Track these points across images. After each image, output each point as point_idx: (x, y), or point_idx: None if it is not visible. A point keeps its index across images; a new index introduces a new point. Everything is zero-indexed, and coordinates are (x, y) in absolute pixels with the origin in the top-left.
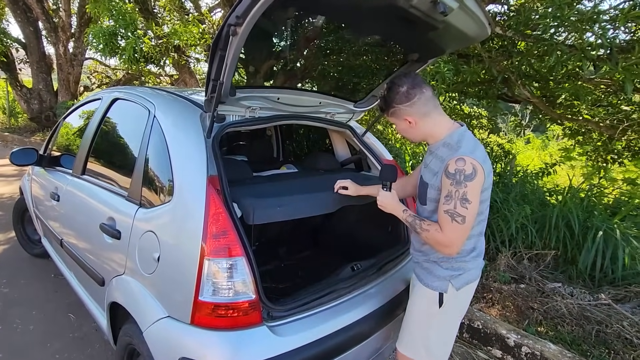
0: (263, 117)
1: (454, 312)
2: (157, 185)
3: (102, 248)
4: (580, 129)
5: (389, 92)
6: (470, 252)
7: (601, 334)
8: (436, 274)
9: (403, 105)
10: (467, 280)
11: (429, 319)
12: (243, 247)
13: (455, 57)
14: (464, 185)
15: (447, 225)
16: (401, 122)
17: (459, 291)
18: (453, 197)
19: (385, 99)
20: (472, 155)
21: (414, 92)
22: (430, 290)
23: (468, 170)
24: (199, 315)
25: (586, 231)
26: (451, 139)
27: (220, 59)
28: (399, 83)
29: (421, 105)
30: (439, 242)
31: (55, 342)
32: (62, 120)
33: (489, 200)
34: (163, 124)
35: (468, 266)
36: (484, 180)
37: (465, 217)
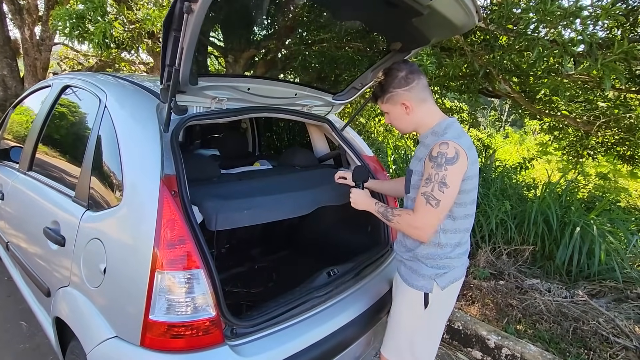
0: (231, 109)
1: (439, 313)
2: (105, 186)
3: (46, 255)
4: (558, 125)
5: (386, 77)
6: (455, 247)
7: (578, 331)
8: (421, 272)
9: (401, 90)
10: (452, 278)
11: (414, 321)
12: (202, 257)
13: (438, 50)
14: (444, 169)
15: (421, 207)
16: (397, 108)
17: (444, 290)
18: (432, 180)
19: (381, 85)
20: (456, 140)
21: (412, 77)
22: (415, 290)
23: (450, 154)
24: (150, 336)
25: (564, 227)
26: (439, 127)
27: (175, 42)
28: (398, 68)
29: (419, 91)
30: (410, 225)
31: (4, 354)
32: (12, 109)
33: (475, 193)
34: (114, 115)
35: (453, 264)
36: (467, 168)
37: (440, 202)
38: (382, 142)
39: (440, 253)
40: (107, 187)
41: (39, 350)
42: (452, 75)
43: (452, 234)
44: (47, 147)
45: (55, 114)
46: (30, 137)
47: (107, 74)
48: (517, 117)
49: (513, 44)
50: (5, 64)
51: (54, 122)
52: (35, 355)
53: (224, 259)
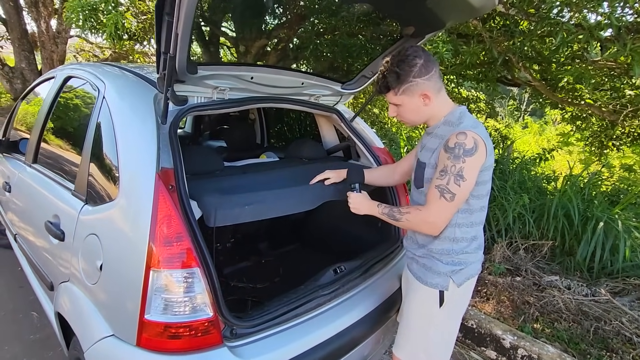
0: (234, 99)
1: (455, 311)
2: (103, 179)
3: (48, 249)
4: (581, 114)
5: (402, 64)
6: (471, 241)
7: (600, 331)
8: (436, 270)
9: (421, 79)
10: (469, 274)
11: (429, 320)
12: (200, 255)
13: (455, 37)
14: (462, 161)
15: (434, 201)
16: (414, 99)
17: (460, 287)
18: (448, 172)
19: (397, 74)
20: (474, 130)
21: (431, 65)
22: (430, 288)
23: (469, 145)
24: (146, 336)
25: (586, 221)
26: (452, 117)
27: (169, 27)
28: (415, 54)
29: (437, 80)
30: (422, 219)
31: (14, 345)
32: (20, 101)
33: (490, 184)
34: (112, 106)
35: (470, 259)
36: (485, 159)
37: (456, 195)
38: (396, 133)
39: (457, 248)
40: (105, 181)
41: (49, 341)
42: (469, 63)
43: (467, 227)
44: (50, 140)
45: (57, 106)
46: (35, 130)
47: (113, 65)
48: (538, 106)
49: (535, 29)
50: (23, 57)
51: (57, 114)
52: (45, 347)
53: (230, 253)
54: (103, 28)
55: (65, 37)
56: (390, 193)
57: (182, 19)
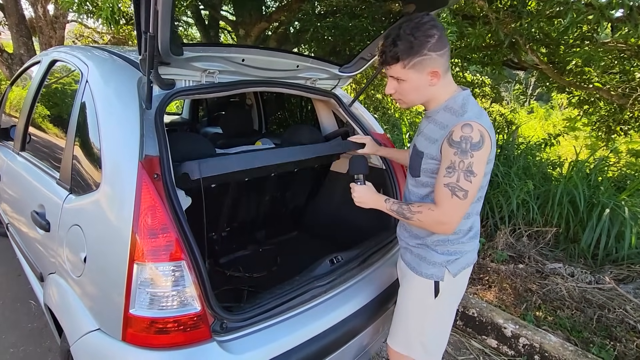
0: (224, 82)
1: (450, 301)
2: (86, 168)
3: (36, 239)
4: (589, 98)
5: (417, 32)
6: (467, 232)
7: (603, 319)
8: (430, 260)
9: (436, 54)
10: (464, 264)
11: (424, 311)
12: (187, 247)
13: (460, 19)
14: (470, 155)
15: (446, 200)
16: (422, 76)
17: (456, 277)
18: (456, 169)
19: (411, 43)
20: (479, 120)
21: (445, 40)
22: (425, 279)
23: (475, 138)
24: (132, 331)
25: (591, 208)
26: (454, 103)
27: (147, 3)
28: (432, 23)
29: (447, 58)
30: (436, 221)
31: (11, 334)
32: (10, 87)
33: (489, 175)
34: (94, 90)
35: (465, 248)
36: (490, 151)
37: (468, 192)
38: (398, 118)
39: (452, 239)
40: (88, 170)
41: (46, 329)
42: (475, 46)
43: (464, 219)
44: (36, 127)
45: (42, 92)
46: (22, 116)
47: (102, 48)
48: (544, 90)
49: (543, 10)
50: (21, 42)
51: (42, 100)
52: (41, 335)
53: (227, 241)
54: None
55: (63, 22)
56: (390, 179)
57: None
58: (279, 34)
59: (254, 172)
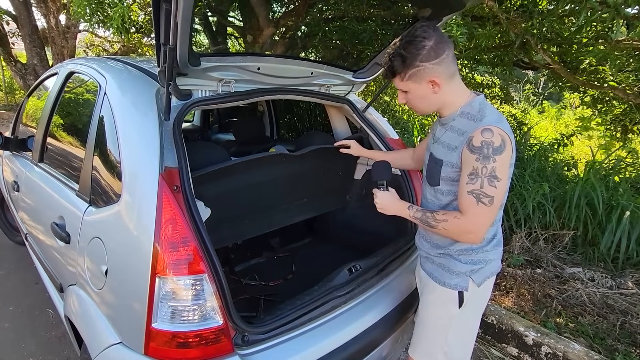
0: (240, 91)
1: (475, 310)
2: (106, 180)
3: (56, 250)
4: (603, 97)
5: (409, 46)
6: (491, 239)
7: (626, 326)
8: (454, 269)
9: (430, 63)
10: (489, 273)
11: (447, 322)
12: (208, 259)
13: (469, 20)
14: (493, 160)
15: (472, 208)
16: (422, 86)
17: (480, 287)
18: (479, 175)
19: (403, 57)
20: (499, 124)
21: (442, 47)
22: (448, 289)
23: (497, 142)
24: (154, 345)
25: (610, 210)
26: (471, 108)
27: (167, 16)
28: (424, 35)
29: (449, 64)
30: (462, 230)
31: (30, 342)
32: (27, 98)
33: (510, 180)
34: (113, 101)
35: (489, 257)
36: (512, 155)
37: (494, 198)
38: (408, 121)
39: (476, 247)
40: (107, 182)
41: (64, 338)
42: (485, 47)
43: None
44: (55, 138)
45: (60, 103)
46: (40, 128)
47: (117, 59)
48: (556, 90)
49: (555, 9)
50: (34, 53)
51: (60, 111)
52: (59, 344)
53: (242, 249)
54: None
55: (74, 32)
56: (405, 185)
57: (181, 6)
58: (286, 39)
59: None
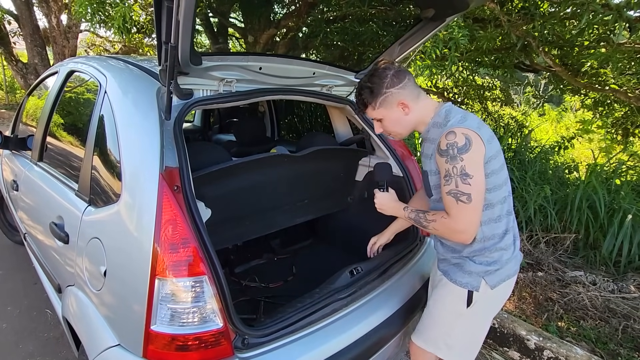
0: (242, 91)
1: (485, 313)
2: (106, 179)
3: (54, 251)
4: (604, 100)
5: (373, 78)
6: (503, 235)
7: (629, 330)
8: (467, 269)
9: (395, 89)
10: (505, 275)
11: (454, 318)
12: (208, 260)
13: (471, 22)
14: (460, 159)
15: (454, 207)
16: (393, 110)
17: (495, 289)
18: (452, 175)
19: (370, 88)
20: (461, 124)
21: (403, 74)
22: (458, 287)
23: (461, 142)
24: (153, 347)
25: (612, 213)
26: (439, 117)
27: (169, 13)
28: (384, 67)
29: (412, 88)
30: (450, 229)
31: (28, 343)
32: (26, 97)
33: (504, 171)
34: (113, 100)
35: (504, 256)
36: (484, 149)
37: (471, 194)
38: None
39: (489, 245)
40: (107, 181)
41: (63, 339)
42: (486, 49)
43: (495, 223)
44: (54, 137)
45: (60, 102)
46: (39, 127)
47: (118, 58)
48: (557, 92)
49: (557, 11)
50: (36, 52)
51: (60, 110)
52: (57, 345)
53: (242, 250)
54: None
55: (75, 32)
56: (407, 187)
57: (182, 4)
58: (287, 40)
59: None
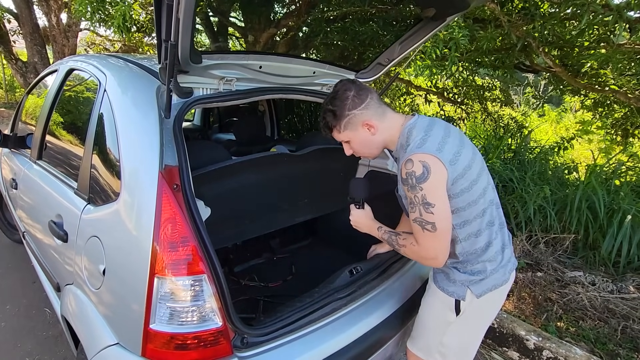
0: (242, 90)
1: (475, 322)
2: (105, 178)
3: (53, 249)
4: (604, 101)
5: (334, 101)
6: (485, 248)
7: (628, 330)
8: (452, 277)
9: (357, 110)
10: (490, 285)
11: (444, 327)
12: (208, 260)
13: (471, 22)
14: (420, 189)
15: (420, 236)
16: (359, 131)
17: (481, 298)
18: (415, 204)
19: (333, 112)
20: (420, 150)
21: (364, 94)
22: (446, 295)
23: (418, 172)
24: (152, 346)
25: (612, 214)
26: (402, 137)
27: (169, 11)
28: (344, 88)
29: (376, 106)
30: (420, 257)
31: (27, 342)
32: (26, 96)
33: (480, 184)
34: (112, 99)
35: (489, 267)
36: (445, 173)
37: (435, 223)
38: None
39: (472, 259)
40: (106, 180)
41: (61, 337)
42: (486, 49)
43: (475, 237)
44: (54, 135)
45: (60, 100)
46: (39, 125)
47: (117, 56)
48: (557, 93)
49: (557, 12)
50: (35, 51)
51: (59, 108)
52: (56, 343)
53: (241, 250)
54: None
55: (75, 31)
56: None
57: (182, 2)
58: (288, 39)
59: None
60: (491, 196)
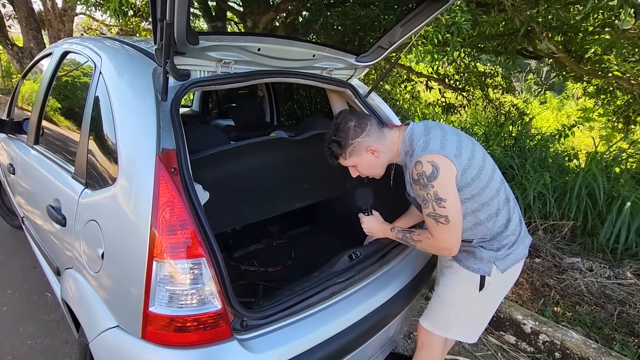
0: (240, 73)
1: (495, 294)
2: (102, 162)
3: (52, 234)
4: (607, 88)
5: (338, 132)
6: (506, 225)
7: (624, 315)
8: (478, 255)
9: (360, 138)
10: (514, 260)
11: (466, 303)
12: (206, 243)
13: (474, 7)
14: (431, 186)
15: (434, 229)
16: (364, 156)
17: (505, 273)
18: (428, 200)
19: (338, 142)
20: (425, 152)
21: (364, 122)
22: (470, 272)
23: (428, 171)
24: (151, 329)
25: (611, 201)
26: (405, 145)
27: None
28: (346, 119)
29: (376, 131)
30: (436, 248)
31: (28, 326)
32: (22, 80)
33: (487, 167)
34: (108, 81)
35: (512, 240)
36: (453, 168)
37: (448, 216)
38: (409, 109)
39: (496, 235)
40: (103, 164)
41: (63, 321)
42: (489, 34)
43: (496, 216)
44: (50, 120)
45: (55, 84)
46: (35, 110)
47: (114, 38)
48: (560, 79)
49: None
50: (31, 36)
51: (55, 92)
52: (57, 327)
53: (240, 235)
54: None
55: (71, 15)
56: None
57: None
58: (287, 24)
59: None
60: (500, 175)
